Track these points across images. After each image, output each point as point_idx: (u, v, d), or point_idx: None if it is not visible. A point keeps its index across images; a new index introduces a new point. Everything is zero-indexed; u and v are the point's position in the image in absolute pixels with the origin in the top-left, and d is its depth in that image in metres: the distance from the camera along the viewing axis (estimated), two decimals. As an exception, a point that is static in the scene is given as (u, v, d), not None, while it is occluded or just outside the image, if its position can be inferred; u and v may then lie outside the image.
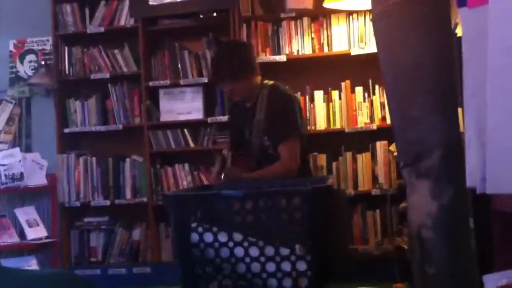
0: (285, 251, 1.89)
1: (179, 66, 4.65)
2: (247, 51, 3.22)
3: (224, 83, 3.15)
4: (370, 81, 4.35)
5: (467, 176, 1.33)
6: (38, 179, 4.69)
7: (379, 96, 4.33)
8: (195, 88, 4.63)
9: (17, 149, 4.74)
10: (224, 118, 4.52)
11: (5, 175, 4.57)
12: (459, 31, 2.04)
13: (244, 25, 4.53)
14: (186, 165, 4.62)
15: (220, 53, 3.50)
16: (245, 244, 1.92)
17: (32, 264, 4.56)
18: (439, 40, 1.99)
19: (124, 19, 4.76)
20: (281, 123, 3.02)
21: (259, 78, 3.17)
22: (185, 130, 4.61)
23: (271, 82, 3.18)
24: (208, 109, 4.65)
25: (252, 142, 3.10)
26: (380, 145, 4.28)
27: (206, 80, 4.57)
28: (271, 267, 1.89)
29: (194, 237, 1.95)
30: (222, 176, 3.01)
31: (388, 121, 3.95)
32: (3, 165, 4.59)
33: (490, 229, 1.72)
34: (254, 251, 1.91)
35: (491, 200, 1.57)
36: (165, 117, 4.65)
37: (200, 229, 1.95)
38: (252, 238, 1.92)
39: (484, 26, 1.22)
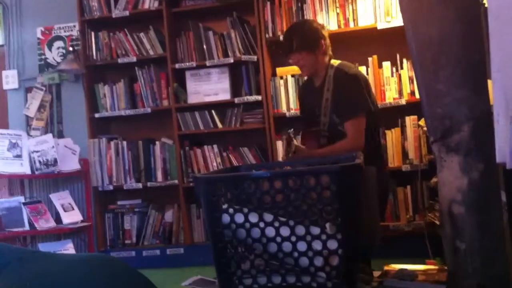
0: (315, 230, 1.89)
1: (204, 47, 4.66)
2: (318, 29, 3.31)
3: (292, 54, 3.26)
4: (398, 55, 4.30)
5: (497, 152, 1.32)
6: (71, 164, 4.77)
7: (407, 70, 4.28)
8: (221, 69, 4.64)
9: (50, 135, 4.82)
10: (251, 98, 4.53)
11: (39, 161, 4.66)
12: (486, 1, 2.00)
13: (268, 2, 4.50)
14: (215, 146, 4.65)
15: (294, 25, 3.66)
16: (276, 224, 1.92)
17: (68, 247, 4.67)
18: (466, 12, 1.96)
19: (148, 2, 4.78)
20: (347, 101, 3.12)
21: (327, 58, 3.27)
22: (213, 111, 4.63)
23: (338, 62, 3.28)
24: (235, 90, 4.66)
25: (322, 119, 3.20)
26: (410, 120, 4.24)
27: (231, 61, 4.57)
28: (302, 246, 1.89)
29: (225, 218, 1.96)
30: (290, 155, 3.12)
31: (417, 95, 3.91)
32: (37, 151, 4.68)
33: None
34: (285, 231, 1.91)
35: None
36: (192, 99, 4.67)
37: (231, 210, 1.96)
38: (283, 218, 1.92)
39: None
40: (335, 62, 3.26)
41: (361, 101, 3.14)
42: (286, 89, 4.48)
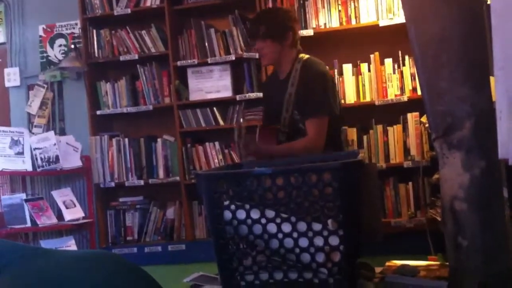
0: (317, 226, 1.89)
1: (206, 44, 4.66)
2: (289, 20, 3.15)
3: (257, 39, 3.12)
4: (400, 52, 4.29)
5: (499, 148, 1.32)
6: (73, 161, 4.78)
7: (409, 67, 4.28)
8: (223, 66, 4.64)
9: (52, 133, 4.83)
10: (253, 95, 4.53)
11: (41, 158, 4.67)
12: (489, -1, 2.00)
13: (270, 0, 4.50)
14: (217, 143, 4.65)
15: (265, 11, 3.56)
16: (278, 220, 1.92)
17: (70, 244, 4.68)
18: (468, 9, 1.96)
19: (150, 0, 4.77)
20: (311, 99, 2.98)
21: (295, 51, 3.12)
22: (215, 109, 4.63)
23: (306, 56, 3.12)
24: (237, 87, 4.66)
25: (283, 115, 3.07)
26: (411, 117, 4.24)
27: (233, 58, 4.57)
28: (304, 242, 1.90)
29: (227, 214, 1.96)
30: (241, 146, 3.00)
31: (419, 92, 3.90)
32: (39, 148, 4.69)
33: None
34: (286, 227, 1.92)
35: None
36: (194, 96, 4.68)
37: (232, 207, 1.96)
38: (284, 214, 1.93)
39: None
40: (303, 56, 3.11)
41: (326, 101, 2.99)
42: (287, 86, 4.48)
